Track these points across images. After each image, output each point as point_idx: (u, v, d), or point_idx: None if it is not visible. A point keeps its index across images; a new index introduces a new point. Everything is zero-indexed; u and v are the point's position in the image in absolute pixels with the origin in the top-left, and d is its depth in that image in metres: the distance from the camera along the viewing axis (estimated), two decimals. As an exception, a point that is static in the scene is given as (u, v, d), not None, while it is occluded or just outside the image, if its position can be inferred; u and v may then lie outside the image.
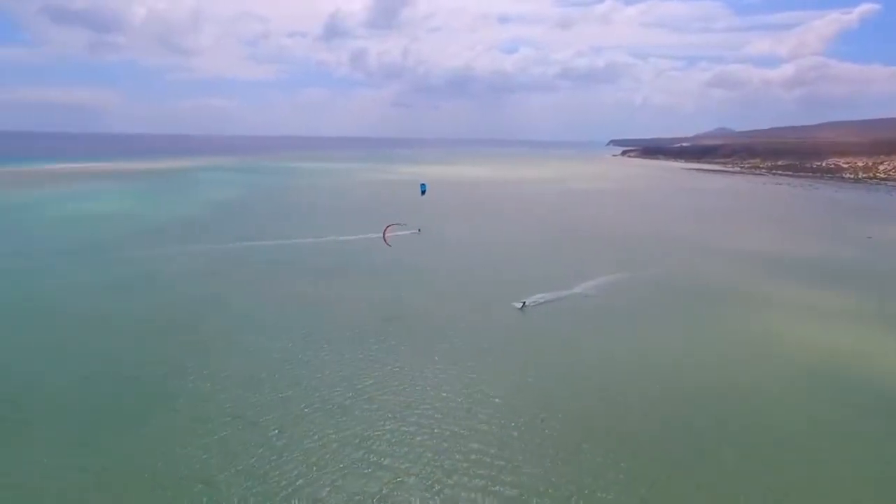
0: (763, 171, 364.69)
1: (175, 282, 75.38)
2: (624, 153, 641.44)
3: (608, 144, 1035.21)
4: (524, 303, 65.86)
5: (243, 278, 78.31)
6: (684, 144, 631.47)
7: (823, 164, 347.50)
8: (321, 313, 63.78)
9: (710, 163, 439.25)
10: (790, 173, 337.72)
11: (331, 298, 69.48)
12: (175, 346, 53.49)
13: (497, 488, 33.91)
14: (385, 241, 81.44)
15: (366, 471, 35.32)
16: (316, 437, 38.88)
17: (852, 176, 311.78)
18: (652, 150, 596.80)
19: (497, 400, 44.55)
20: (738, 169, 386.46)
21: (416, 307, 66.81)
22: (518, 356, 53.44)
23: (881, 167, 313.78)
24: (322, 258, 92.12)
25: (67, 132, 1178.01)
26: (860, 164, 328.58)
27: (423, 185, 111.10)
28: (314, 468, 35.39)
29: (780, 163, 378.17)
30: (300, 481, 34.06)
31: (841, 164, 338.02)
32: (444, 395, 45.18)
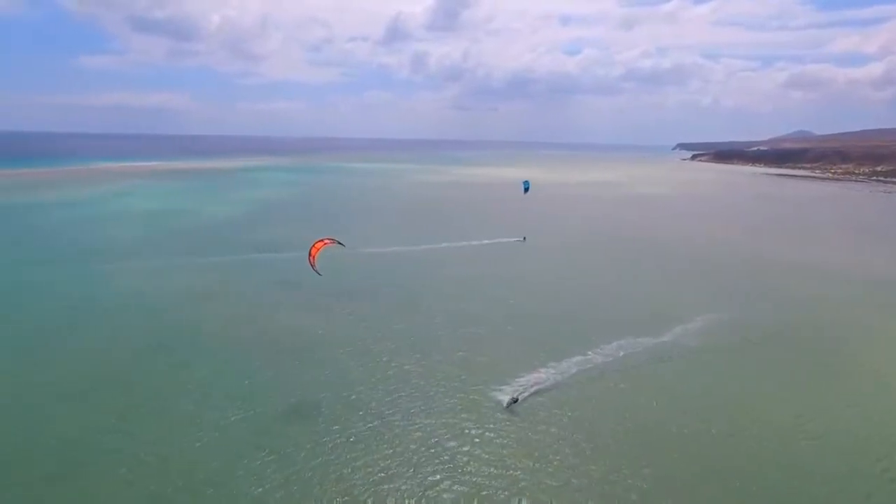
0: (861, 177, 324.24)
1: (160, 305, 63.38)
2: (694, 157, 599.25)
3: (675, 148, 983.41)
4: (515, 399, 41.92)
5: (236, 307, 65.24)
6: (762, 148, 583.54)
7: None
8: (305, 375, 47.44)
9: (794, 168, 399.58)
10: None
11: (325, 345, 54.72)
12: (106, 408, 40.85)
13: None
14: (312, 264, 49.38)
15: None
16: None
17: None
18: (725, 153, 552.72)
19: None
20: (830, 175, 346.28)
21: (404, 378, 46.35)
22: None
23: None
24: (344, 275, 78.97)
25: (144, 134, 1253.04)
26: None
27: (525, 183, 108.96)
28: None
29: (880, 168, 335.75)
30: None
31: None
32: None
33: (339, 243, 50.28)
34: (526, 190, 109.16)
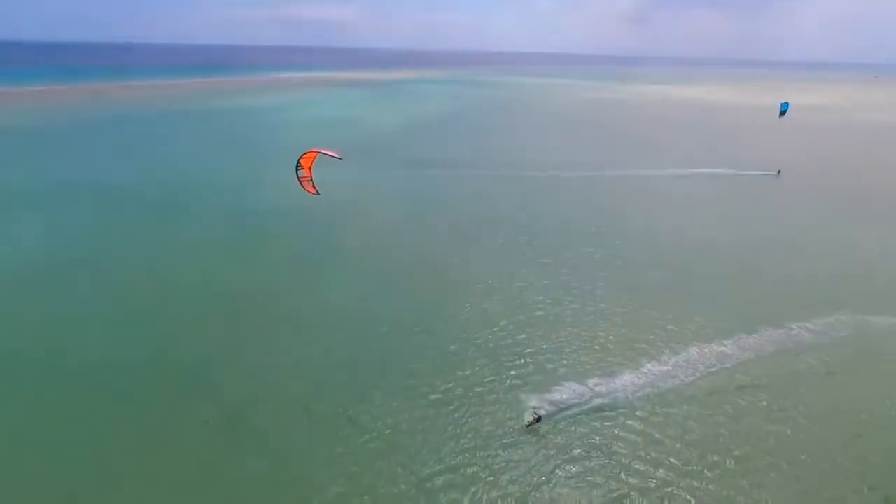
0: None
1: (314, 217, 62.86)
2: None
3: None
4: (537, 416, 29.85)
5: (384, 225, 63.69)
6: None
7: None
8: (439, 310, 44.19)
9: None
10: None
11: (464, 277, 50.31)
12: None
13: None
14: (305, 180, 40.07)
15: None
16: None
17: None
18: None
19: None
20: None
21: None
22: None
23: None
24: (499, 200, 73.19)
25: (315, 46, 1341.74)
26: None
27: (783, 105, 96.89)
28: None
29: None
30: None
31: None
32: None
33: (335, 156, 38.36)
34: (783, 112, 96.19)
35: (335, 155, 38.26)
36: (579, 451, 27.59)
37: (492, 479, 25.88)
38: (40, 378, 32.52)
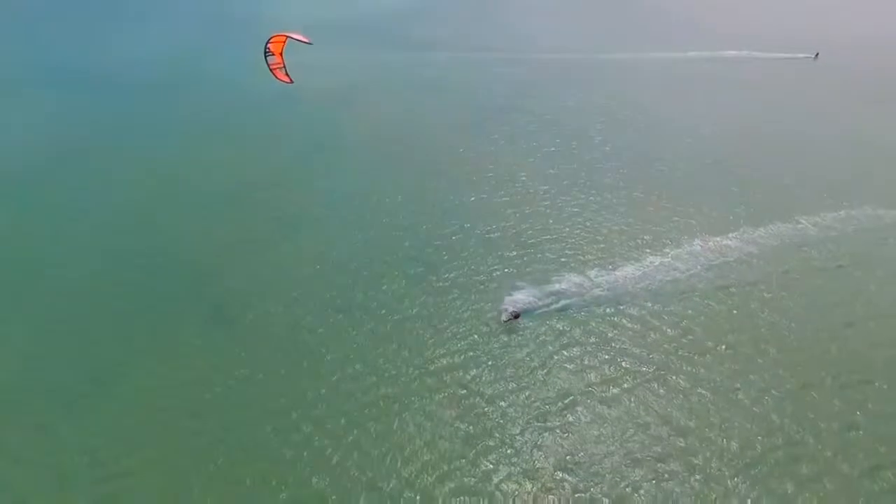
0: None
1: (316, 104, 60.24)
2: None
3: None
4: (515, 313, 29.52)
5: (385, 113, 60.87)
6: None
7: None
8: (443, 198, 44.26)
9: None
10: None
11: (469, 166, 48.93)
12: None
13: None
14: (276, 66, 38.13)
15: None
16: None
17: None
18: None
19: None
20: None
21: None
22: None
23: None
24: (504, 86, 69.03)
25: None
26: None
27: None
28: None
29: None
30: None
31: None
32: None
33: (305, 41, 35.46)
34: None
35: (305, 40, 35.26)
36: (577, 337, 28.56)
37: (492, 363, 27.09)
38: (39, 278, 32.98)
